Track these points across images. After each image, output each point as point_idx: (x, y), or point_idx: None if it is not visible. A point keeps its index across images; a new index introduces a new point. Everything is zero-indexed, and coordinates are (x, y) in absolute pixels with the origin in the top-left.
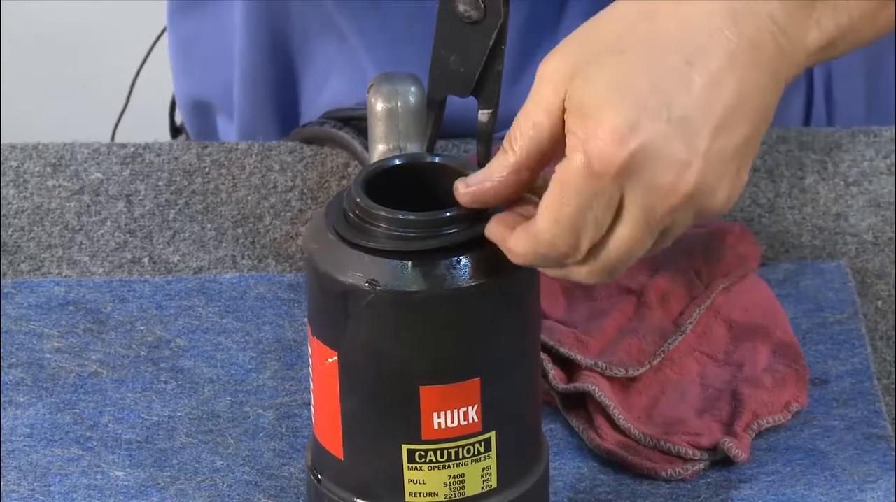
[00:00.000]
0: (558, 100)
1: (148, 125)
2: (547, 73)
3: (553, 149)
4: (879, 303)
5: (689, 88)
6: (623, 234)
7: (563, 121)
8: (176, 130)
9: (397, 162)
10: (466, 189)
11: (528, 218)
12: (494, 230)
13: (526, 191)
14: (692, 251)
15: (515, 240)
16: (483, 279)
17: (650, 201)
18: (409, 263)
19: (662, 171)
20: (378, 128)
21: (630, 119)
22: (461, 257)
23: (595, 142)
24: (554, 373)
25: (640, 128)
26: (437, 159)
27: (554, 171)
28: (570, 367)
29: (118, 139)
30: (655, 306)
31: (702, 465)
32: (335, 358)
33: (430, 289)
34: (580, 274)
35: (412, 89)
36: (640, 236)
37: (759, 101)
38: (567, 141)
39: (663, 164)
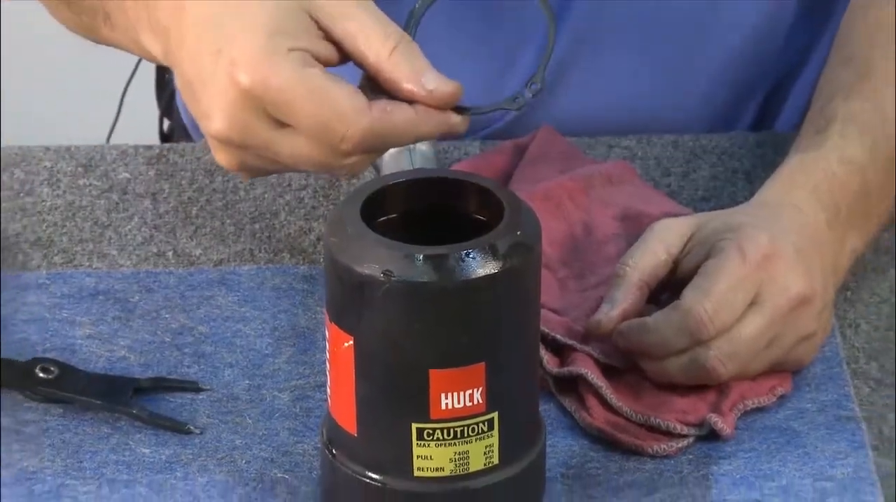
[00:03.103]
0: (679, 243)
1: (139, 132)
2: (668, 223)
3: (655, 281)
4: (848, 293)
5: (796, 247)
6: (752, 322)
7: (677, 262)
8: (165, 137)
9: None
10: (610, 320)
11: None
12: (634, 323)
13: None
14: None
15: (655, 319)
16: (490, 272)
17: (779, 300)
18: (422, 256)
19: (793, 277)
20: None
21: (770, 235)
22: (470, 251)
23: (747, 239)
24: (547, 359)
25: (778, 241)
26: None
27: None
28: (561, 353)
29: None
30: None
31: (686, 442)
32: (351, 342)
33: (441, 280)
34: (707, 357)
35: None
36: (765, 329)
37: (823, 293)
38: (716, 247)
39: (792, 272)
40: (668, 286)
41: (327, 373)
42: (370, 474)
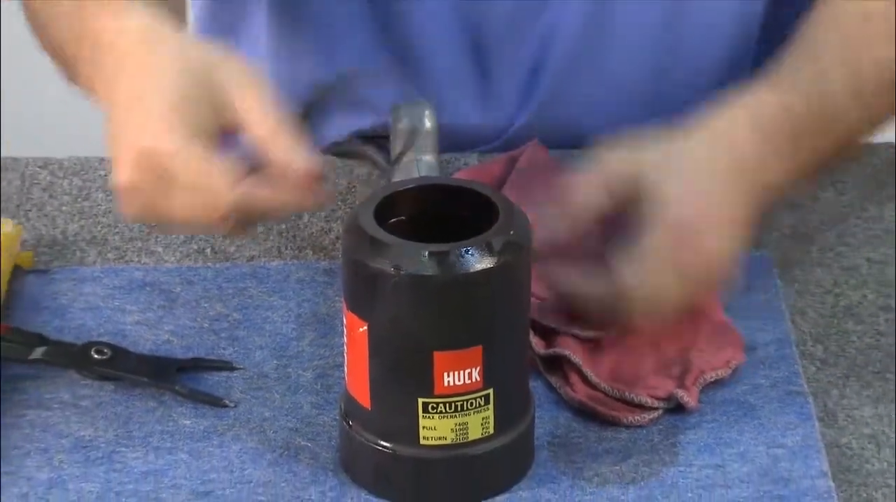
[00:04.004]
0: (617, 186)
1: None
2: (609, 166)
3: (592, 215)
4: (796, 285)
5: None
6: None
7: (616, 199)
8: None
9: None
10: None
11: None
12: (577, 280)
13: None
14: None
15: (583, 289)
16: (486, 266)
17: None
18: (427, 252)
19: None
20: (399, 143)
21: (690, 201)
22: (469, 248)
23: (669, 215)
24: (535, 341)
25: (699, 199)
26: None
27: None
28: (547, 336)
29: None
30: None
31: (656, 414)
32: (365, 327)
33: (443, 273)
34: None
35: (427, 113)
36: (664, 243)
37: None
38: (645, 215)
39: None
40: (609, 220)
41: (344, 355)
42: (382, 442)
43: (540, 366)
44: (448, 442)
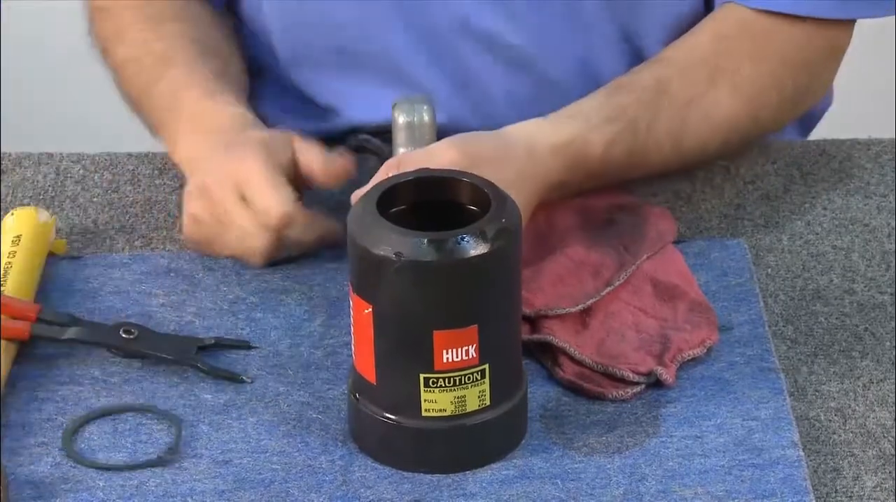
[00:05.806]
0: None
1: None
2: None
3: None
4: (769, 270)
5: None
6: None
7: None
8: None
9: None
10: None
11: None
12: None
13: None
14: (621, 231)
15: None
16: (481, 252)
17: None
18: (426, 240)
19: None
20: (400, 136)
21: None
22: (464, 235)
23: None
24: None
25: None
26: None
27: None
28: (533, 322)
29: None
30: (588, 278)
31: (639, 388)
32: (370, 309)
33: (442, 259)
34: None
35: (425, 107)
36: None
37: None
38: None
39: None
40: None
41: (352, 334)
42: (387, 415)
43: (532, 347)
44: (447, 413)
